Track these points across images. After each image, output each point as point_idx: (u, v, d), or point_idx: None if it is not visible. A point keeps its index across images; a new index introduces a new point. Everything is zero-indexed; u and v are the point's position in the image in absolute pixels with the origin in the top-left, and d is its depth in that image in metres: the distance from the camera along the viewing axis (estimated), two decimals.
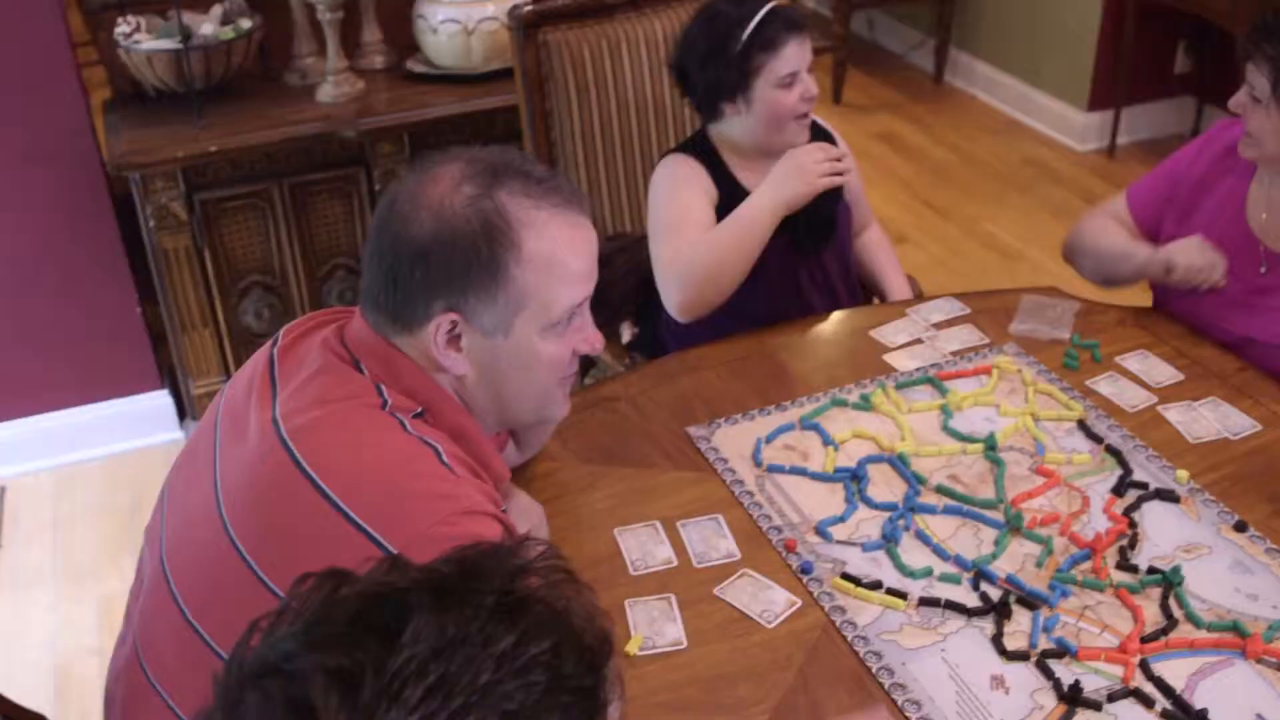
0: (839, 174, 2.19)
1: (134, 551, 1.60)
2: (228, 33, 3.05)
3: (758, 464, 1.86)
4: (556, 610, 0.84)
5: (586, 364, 2.72)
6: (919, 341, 2.15)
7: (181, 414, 3.46)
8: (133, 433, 3.42)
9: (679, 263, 2.16)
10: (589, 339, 1.51)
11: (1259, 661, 1.53)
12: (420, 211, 1.38)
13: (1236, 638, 1.56)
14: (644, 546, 1.71)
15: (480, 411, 1.50)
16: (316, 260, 3.27)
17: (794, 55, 2.17)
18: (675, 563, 1.68)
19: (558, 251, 1.42)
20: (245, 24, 3.09)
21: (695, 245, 2.16)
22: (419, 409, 1.42)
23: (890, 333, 2.18)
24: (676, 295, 2.17)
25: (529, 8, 2.59)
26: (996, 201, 4.68)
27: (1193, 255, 2.11)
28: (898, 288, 2.47)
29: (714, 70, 2.19)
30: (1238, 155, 2.15)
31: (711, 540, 1.72)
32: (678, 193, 2.25)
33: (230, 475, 1.40)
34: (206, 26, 3.05)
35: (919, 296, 2.41)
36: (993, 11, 5.46)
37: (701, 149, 2.30)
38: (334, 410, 1.38)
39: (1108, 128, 5.01)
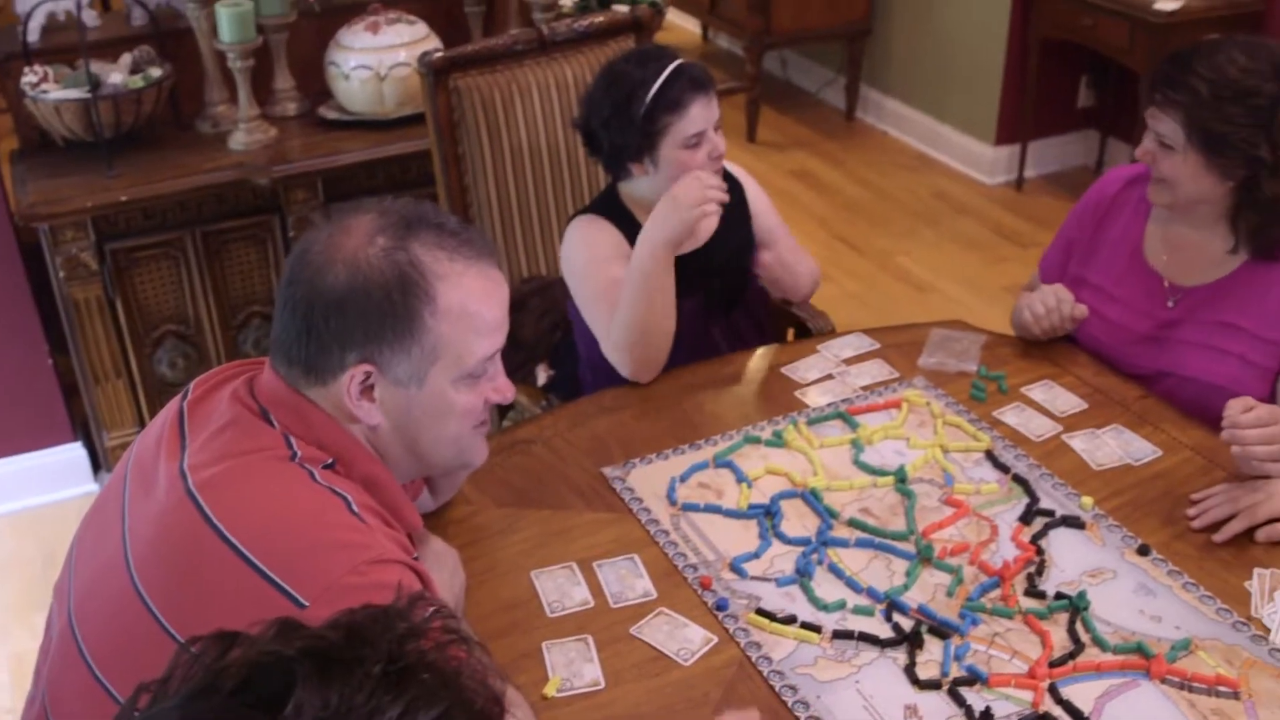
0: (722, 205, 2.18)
1: (45, 608, 1.58)
2: (137, 81, 3.04)
3: (672, 503, 1.88)
4: (446, 675, 0.83)
5: (504, 407, 2.73)
6: (830, 377, 2.19)
7: (96, 466, 3.41)
8: (46, 486, 3.36)
9: (614, 333, 2.15)
10: (500, 388, 1.52)
11: (1163, 682, 1.57)
12: (334, 263, 1.38)
13: (1141, 659, 1.60)
14: (561, 588, 1.72)
15: (395, 460, 1.50)
16: (231, 308, 3.25)
17: (700, 115, 2.16)
18: (592, 603, 1.69)
19: (471, 303, 1.43)
20: (155, 72, 3.08)
21: (617, 318, 2.14)
22: (330, 460, 1.42)
23: (802, 369, 2.21)
24: (623, 365, 2.15)
25: (439, 54, 2.61)
26: (909, 235, 4.76)
27: (1035, 303, 2.19)
28: (805, 269, 2.50)
29: (619, 132, 2.17)
30: (1125, 199, 2.22)
31: (628, 580, 1.73)
32: (594, 260, 2.22)
33: (139, 529, 1.39)
34: (115, 75, 3.03)
35: (831, 332, 2.45)
36: (901, 50, 5.57)
37: (611, 207, 2.28)
38: (242, 463, 1.37)
39: (1015, 161, 5.12)
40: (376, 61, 3.14)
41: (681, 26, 6.98)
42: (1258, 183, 2.00)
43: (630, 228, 2.24)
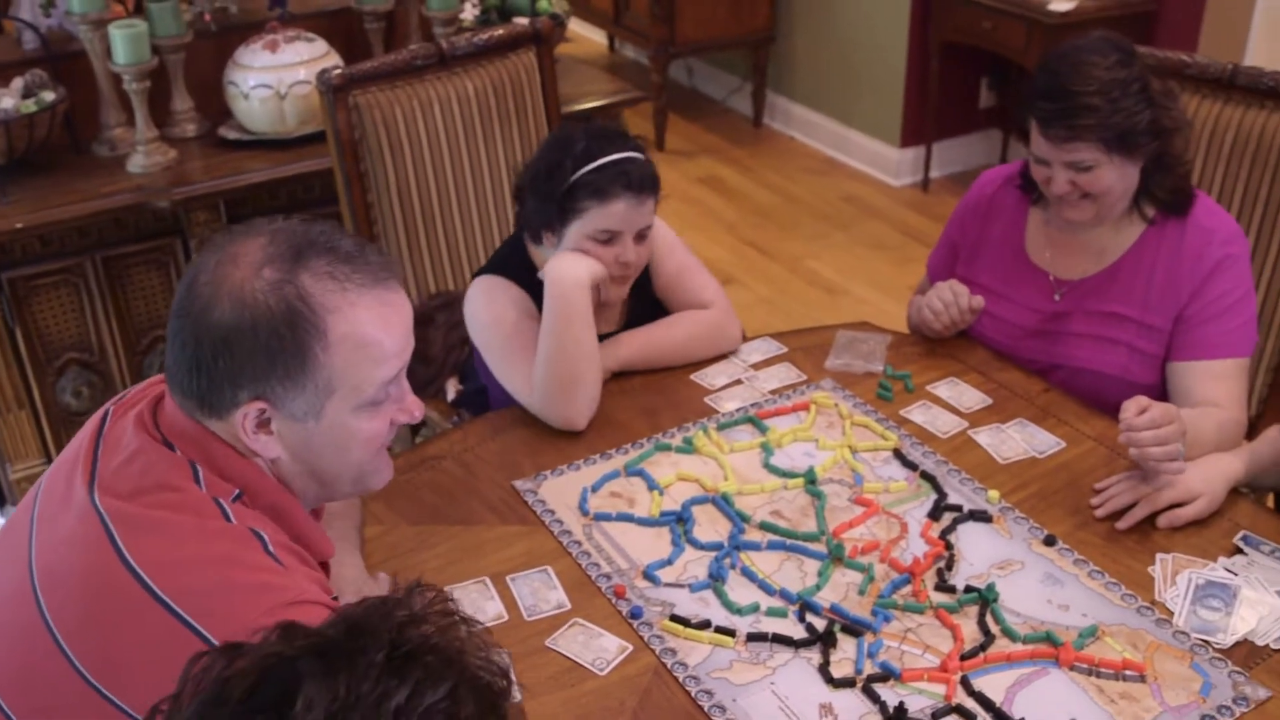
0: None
1: None
2: (29, 106, 2.98)
3: (585, 513, 1.88)
4: (450, 655, 0.85)
5: (416, 424, 2.71)
6: (739, 382, 2.20)
7: (0, 500, 3.33)
8: None
9: (539, 389, 2.06)
10: (407, 408, 1.46)
11: (1072, 669, 1.60)
12: (221, 297, 1.32)
13: (1050, 648, 1.62)
14: (474, 603, 1.71)
15: (299, 489, 1.46)
16: (136, 334, 3.20)
17: (622, 216, 2.05)
18: (506, 617, 1.69)
19: (367, 332, 1.36)
20: (48, 96, 3.02)
21: (539, 367, 2.06)
22: (237, 491, 1.38)
23: (711, 375, 2.22)
24: (555, 416, 2.06)
25: (338, 72, 2.59)
26: (818, 239, 4.80)
27: (932, 300, 2.22)
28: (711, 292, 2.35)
29: (541, 195, 2.09)
30: (1003, 199, 2.29)
31: (541, 592, 1.73)
32: (500, 320, 2.14)
33: (47, 557, 1.35)
34: (6, 100, 2.97)
35: (744, 337, 2.46)
36: (805, 56, 5.62)
37: (518, 267, 2.19)
38: (155, 499, 1.33)
39: (920, 163, 5.19)
40: (276, 80, 3.11)
41: (588, 38, 6.99)
42: (1167, 148, 2.08)
43: (537, 290, 2.15)
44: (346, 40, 3.44)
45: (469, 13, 3.44)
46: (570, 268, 2.06)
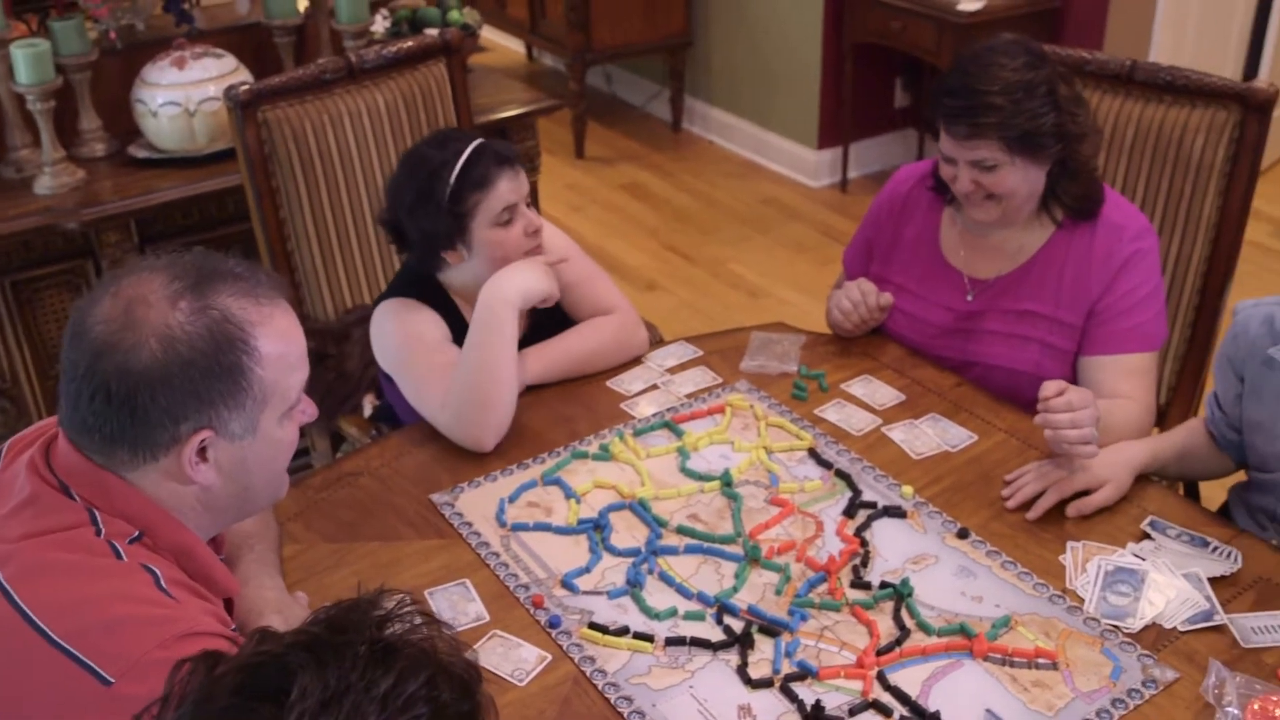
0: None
1: None
2: None
3: (502, 524, 1.88)
4: (424, 649, 0.92)
5: (338, 440, 2.70)
6: (655, 387, 2.21)
7: None
8: None
9: (452, 405, 2.04)
10: (306, 410, 1.50)
11: (986, 659, 1.62)
12: (143, 339, 1.32)
13: (964, 640, 1.65)
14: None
15: (220, 513, 1.46)
16: (48, 358, 3.14)
17: (507, 190, 2.08)
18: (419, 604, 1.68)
19: (286, 342, 1.41)
20: None
21: (455, 383, 2.04)
22: (137, 532, 1.38)
23: (627, 381, 2.23)
24: (464, 434, 2.04)
25: (245, 87, 2.57)
26: (740, 242, 4.83)
27: (841, 300, 2.25)
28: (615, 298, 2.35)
29: (427, 218, 2.07)
30: (917, 198, 2.31)
31: (460, 605, 1.73)
32: (415, 344, 2.11)
33: None
34: None
35: (659, 342, 2.47)
36: (722, 60, 5.66)
37: (427, 290, 2.17)
38: (46, 541, 1.32)
39: (838, 164, 5.24)
40: (184, 97, 3.08)
41: (505, 47, 6.98)
42: (1072, 154, 2.10)
43: (451, 314, 2.16)
44: (256, 55, 3.40)
45: (380, 25, 3.43)
46: (500, 286, 2.06)
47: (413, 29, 3.40)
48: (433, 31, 2.94)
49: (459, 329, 2.13)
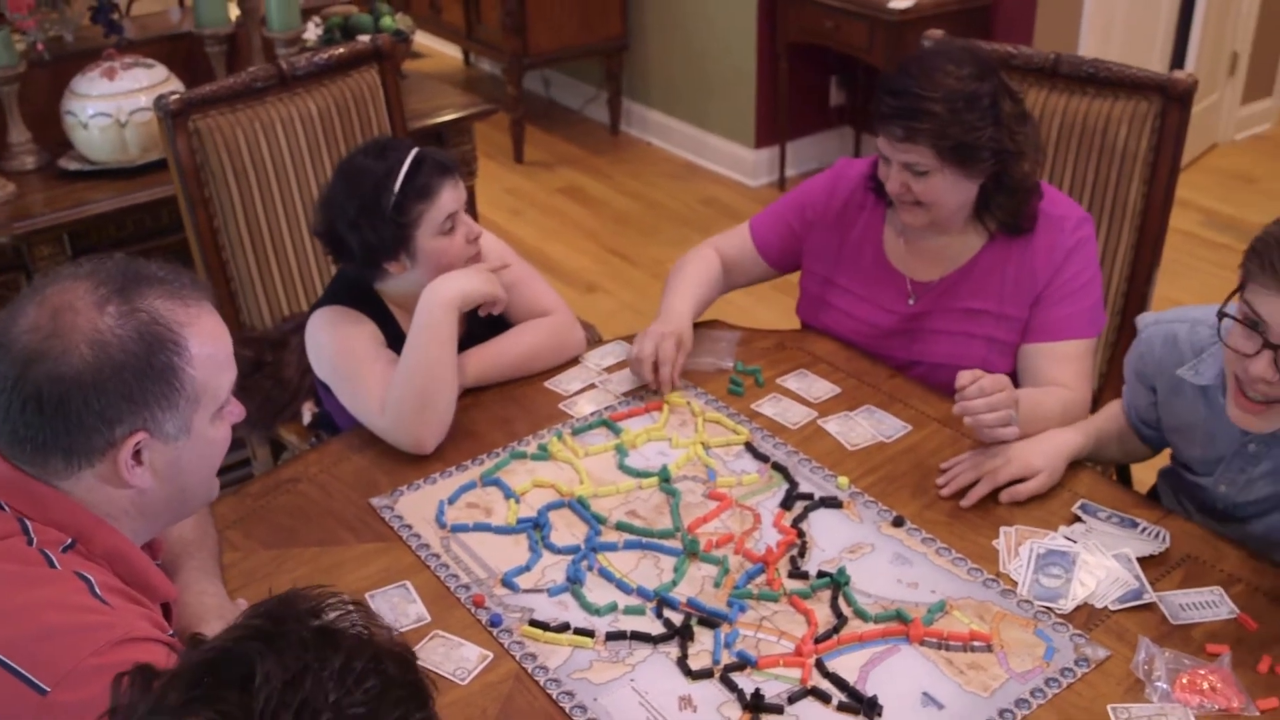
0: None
1: None
2: None
3: (442, 525, 1.88)
4: (360, 630, 0.97)
5: (279, 447, 2.69)
6: (593, 387, 2.22)
7: None
8: None
9: (392, 407, 2.03)
10: (234, 410, 1.51)
11: (922, 644, 1.65)
12: (73, 344, 1.33)
13: (901, 625, 1.67)
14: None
15: (155, 517, 1.46)
16: None
17: (450, 198, 2.08)
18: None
19: (214, 341, 1.43)
20: None
21: (394, 385, 2.04)
22: (69, 540, 1.38)
23: (564, 381, 2.24)
24: (405, 436, 2.04)
25: (176, 96, 2.55)
26: (680, 242, 4.83)
27: (640, 347, 2.18)
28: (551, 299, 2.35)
29: (370, 230, 2.06)
30: (862, 201, 2.31)
31: (401, 607, 1.73)
32: (350, 351, 2.11)
33: None
34: None
35: (597, 342, 2.48)
36: (658, 62, 5.68)
37: (363, 299, 2.17)
38: None
39: (776, 163, 5.28)
40: (115, 108, 3.05)
41: (442, 53, 6.98)
42: (1006, 170, 2.10)
43: (387, 322, 2.16)
44: (188, 65, 3.39)
45: (312, 32, 3.42)
46: (440, 289, 2.06)
47: (345, 36, 3.39)
48: (365, 38, 2.94)
49: (395, 337, 2.14)
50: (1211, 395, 1.86)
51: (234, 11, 3.39)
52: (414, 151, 2.09)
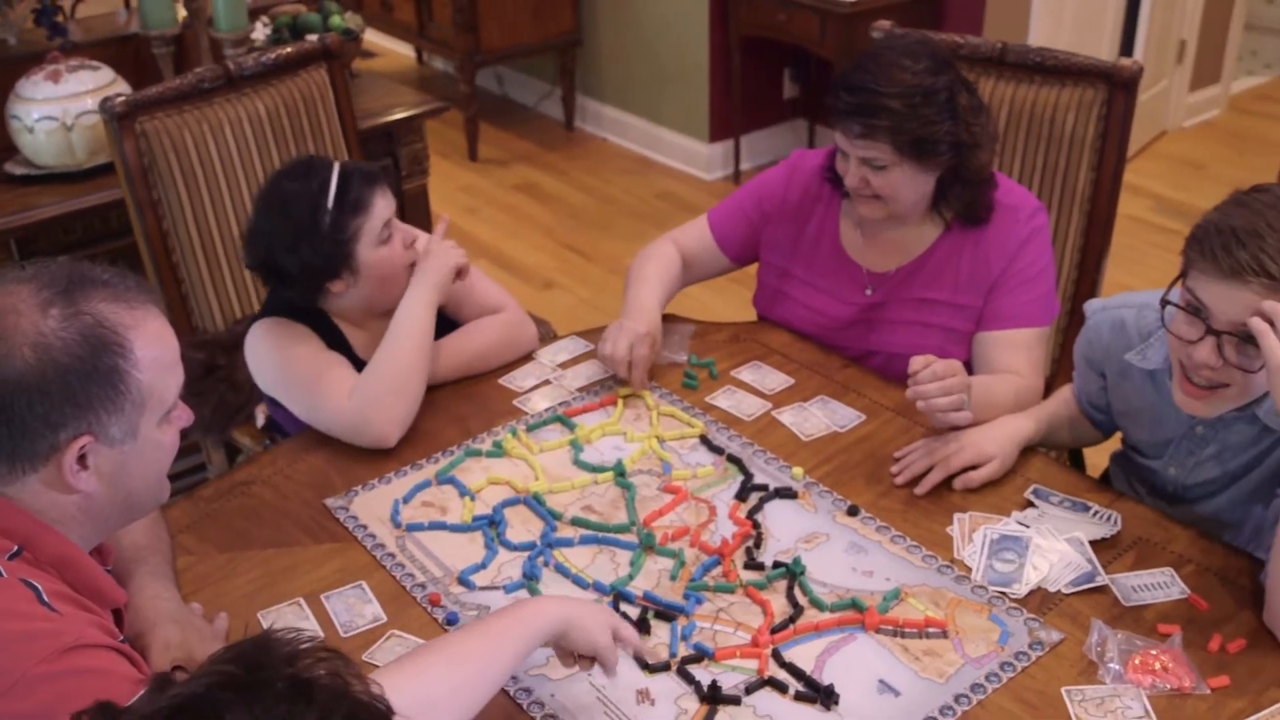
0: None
1: None
2: None
3: (397, 525, 1.87)
4: (337, 683, 0.94)
5: (234, 451, 2.67)
6: (547, 383, 2.22)
7: None
8: None
9: (360, 398, 2.02)
10: (182, 415, 1.50)
11: (878, 631, 1.66)
12: (15, 348, 1.32)
13: (856, 613, 1.68)
14: (289, 625, 1.68)
15: (103, 523, 1.45)
16: None
17: (383, 207, 2.07)
18: (322, 636, 1.67)
19: (160, 344, 1.42)
20: None
21: (370, 371, 2.04)
22: (15, 547, 1.36)
23: (519, 378, 2.24)
24: (370, 426, 2.02)
25: (121, 99, 2.53)
26: (636, 238, 4.84)
27: (613, 346, 2.17)
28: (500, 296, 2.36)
29: (310, 253, 2.02)
30: (818, 194, 2.31)
31: (357, 607, 1.72)
32: (296, 350, 2.09)
33: None
34: None
35: (551, 338, 2.48)
36: (612, 57, 5.68)
37: (300, 313, 2.13)
38: None
39: (730, 156, 5.29)
40: (61, 111, 3.02)
41: (395, 51, 6.95)
42: (964, 162, 2.12)
43: (333, 336, 2.14)
44: (135, 67, 3.36)
45: (260, 32, 3.39)
46: (421, 284, 2.09)
47: (294, 35, 3.37)
48: (313, 37, 2.93)
49: (340, 348, 2.13)
50: (1159, 379, 1.88)
51: (181, 12, 3.36)
52: (338, 167, 2.06)
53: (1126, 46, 5.24)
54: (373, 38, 6.67)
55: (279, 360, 2.10)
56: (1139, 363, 1.89)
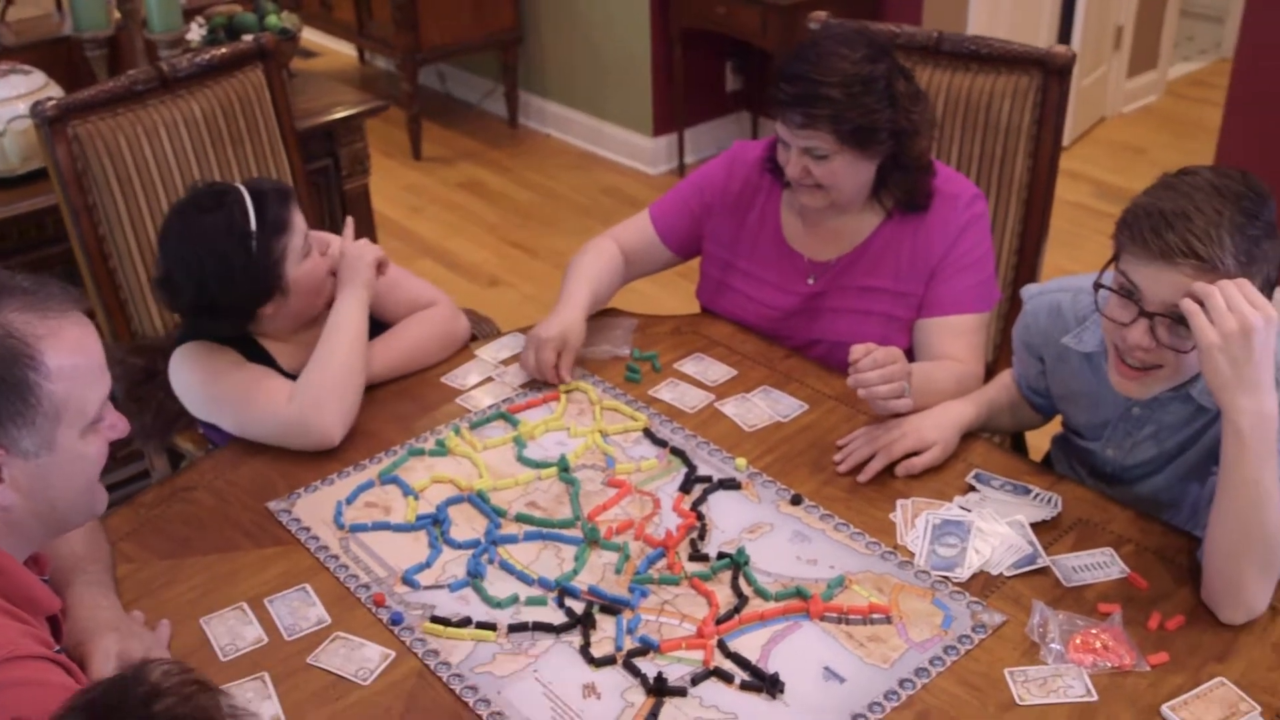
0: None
1: None
2: None
3: (340, 526, 1.86)
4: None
5: (178, 456, 2.64)
6: (490, 380, 2.21)
7: None
8: None
9: (300, 399, 2.01)
10: (115, 425, 1.49)
11: (823, 619, 1.67)
12: None
13: (801, 602, 1.69)
14: (232, 630, 1.68)
15: (28, 535, 1.44)
16: None
17: (299, 221, 2.07)
18: (266, 640, 1.67)
19: (78, 355, 1.40)
20: None
21: (308, 374, 2.03)
22: None
23: (461, 376, 2.23)
24: (313, 426, 2.00)
25: (52, 102, 2.50)
26: (582, 233, 4.82)
27: (524, 357, 2.20)
28: (431, 292, 2.36)
29: (242, 284, 2.01)
30: (758, 185, 2.32)
31: (301, 611, 1.71)
32: (220, 372, 2.07)
33: None
34: None
35: (494, 334, 2.47)
36: (554, 53, 5.66)
37: (222, 337, 2.12)
38: None
39: (674, 150, 5.30)
40: None
41: (337, 51, 6.90)
42: (903, 149, 2.13)
43: (257, 354, 2.13)
44: (69, 70, 3.32)
45: (195, 33, 3.35)
46: (349, 286, 2.10)
47: (230, 36, 3.34)
48: (249, 37, 2.90)
49: (269, 366, 2.12)
50: (1096, 361, 1.90)
51: (115, 14, 3.32)
52: (246, 190, 2.04)
53: (1064, 34, 5.29)
54: (314, 37, 6.62)
55: (206, 380, 2.08)
56: (1075, 346, 1.91)
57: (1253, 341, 1.54)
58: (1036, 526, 1.81)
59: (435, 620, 1.67)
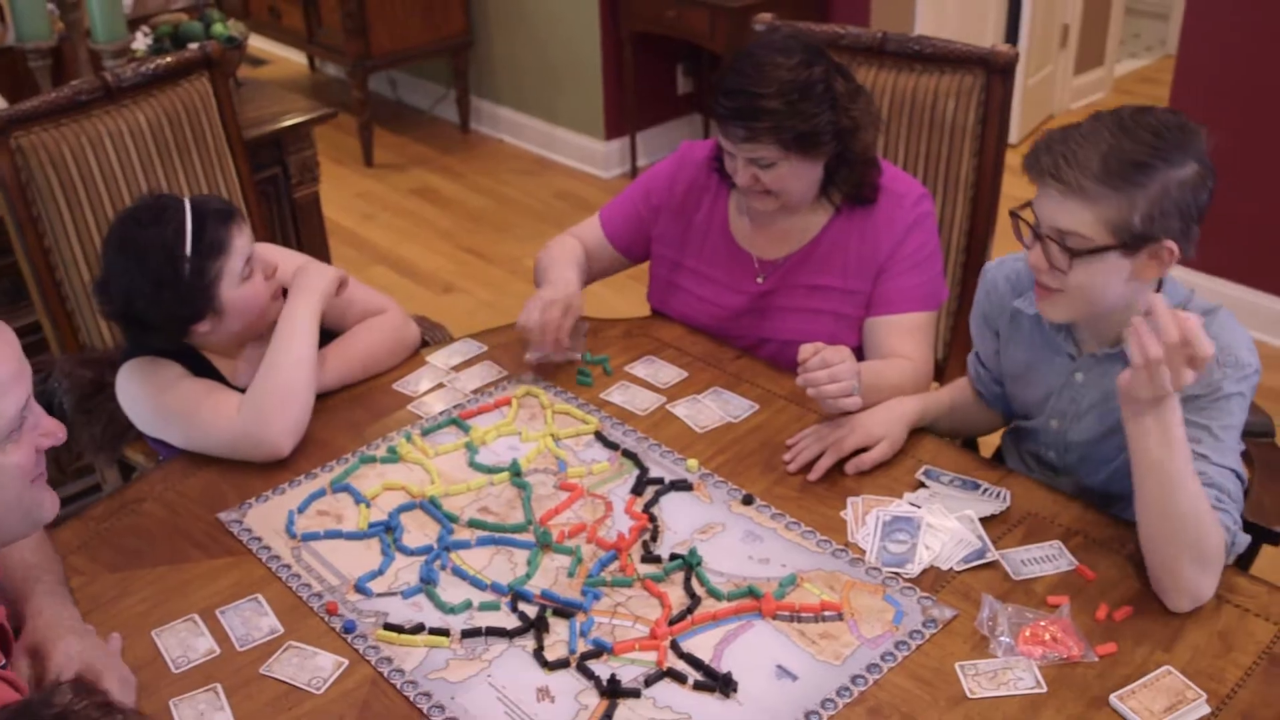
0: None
1: None
2: None
3: (292, 535, 1.86)
4: None
5: (129, 468, 2.62)
6: (441, 386, 2.21)
7: None
8: None
9: (248, 410, 2.00)
10: (47, 431, 1.47)
11: (775, 618, 1.67)
12: None
13: (753, 601, 1.70)
14: (184, 642, 1.67)
15: None
16: None
17: (241, 244, 2.03)
18: (218, 651, 1.66)
19: None
20: None
21: (256, 384, 2.02)
22: None
23: (412, 382, 2.23)
24: (263, 436, 1.99)
25: None
26: (535, 238, 4.84)
27: (527, 316, 2.19)
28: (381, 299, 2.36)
29: (172, 302, 1.99)
30: (706, 184, 2.33)
31: (253, 621, 1.70)
32: (165, 387, 2.06)
33: None
34: None
35: (446, 341, 2.47)
36: (505, 58, 5.66)
37: (165, 351, 2.11)
38: None
39: (627, 153, 5.31)
40: None
41: (286, 59, 6.87)
42: (848, 146, 2.14)
43: (203, 368, 2.12)
44: (12, 81, 3.28)
45: (141, 42, 3.33)
46: (303, 293, 2.10)
47: (176, 45, 3.31)
48: (195, 45, 2.88)
49: (211, 378, 2.11)
50: (1043, 324, 1.92)
51: (58, 24, 3.29)
52: (190, 208, 2.01)
53: (1011, 33, 5.34)
54: (264, 45, 6.59)
55: (152, 395, 2.06)
56: (1025, 308, 1.94)
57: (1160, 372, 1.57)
58: (986, 521, 1.83)
59: (388, 627, 1.67)
